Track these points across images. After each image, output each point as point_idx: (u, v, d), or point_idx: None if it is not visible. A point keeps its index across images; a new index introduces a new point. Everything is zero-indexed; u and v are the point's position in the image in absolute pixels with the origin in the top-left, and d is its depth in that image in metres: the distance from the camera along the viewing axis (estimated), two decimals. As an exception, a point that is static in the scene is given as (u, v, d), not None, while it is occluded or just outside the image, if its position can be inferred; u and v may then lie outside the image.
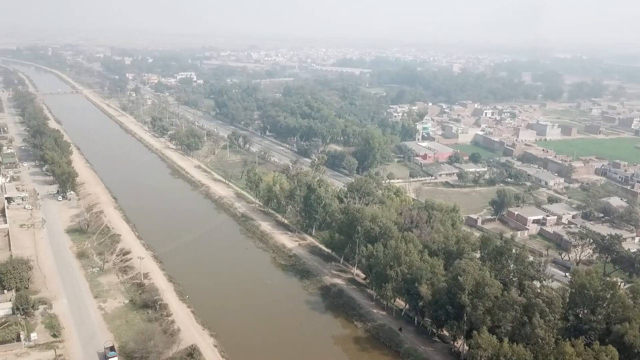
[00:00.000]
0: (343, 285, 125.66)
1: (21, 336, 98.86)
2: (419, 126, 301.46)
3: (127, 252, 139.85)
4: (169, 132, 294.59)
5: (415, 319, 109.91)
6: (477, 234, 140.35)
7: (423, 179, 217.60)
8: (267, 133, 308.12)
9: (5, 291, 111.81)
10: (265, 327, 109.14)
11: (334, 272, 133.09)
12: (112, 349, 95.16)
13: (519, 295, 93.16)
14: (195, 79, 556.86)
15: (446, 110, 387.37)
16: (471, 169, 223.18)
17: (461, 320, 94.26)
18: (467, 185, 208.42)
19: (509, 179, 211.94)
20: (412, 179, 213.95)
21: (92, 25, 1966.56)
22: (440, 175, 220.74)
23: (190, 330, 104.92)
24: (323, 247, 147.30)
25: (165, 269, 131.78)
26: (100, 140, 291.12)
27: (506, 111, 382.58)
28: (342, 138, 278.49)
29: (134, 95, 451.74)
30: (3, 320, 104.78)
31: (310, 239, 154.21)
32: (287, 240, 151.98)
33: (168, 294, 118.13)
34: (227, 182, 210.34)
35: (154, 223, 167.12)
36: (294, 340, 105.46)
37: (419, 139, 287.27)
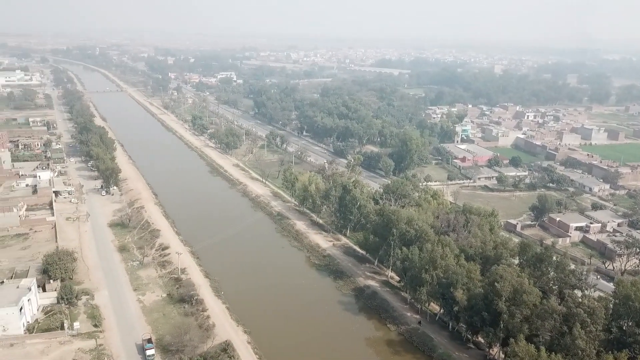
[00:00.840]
0: (377, 287, 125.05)
1: (65, 325, 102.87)
2: (458, 128, 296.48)
3: (166, 247, 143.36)
4: (208, 131, 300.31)
5: (450, 324, 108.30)
6: (516, 239, 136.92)
7: (461, 182, 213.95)
8: (304, 133, 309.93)
9: (51, 281, 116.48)
10: (298, 326, 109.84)
11: (368, 273, 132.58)
12: (149, 341, 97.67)
13: (559, 304, 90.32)
14: (235, 79, 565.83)
15: (486, 112, 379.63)
16: (511, 172, 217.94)
17: (497, 327, 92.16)
18: (506, 189, 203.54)
19: (551, 184, 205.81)
20: (450, 182, 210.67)
21: (138, 25, 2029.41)
22: (479, 178, 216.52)
23: (224, 326, 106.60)
24: (357, 248, 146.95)
25: (202, 265, 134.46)
26: (143, 138, 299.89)
27: (549, 114, 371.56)
28: (379, 139, 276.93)
29: (176, 94, 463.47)
30: (49, 308, 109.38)
31: (344, 240, 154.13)
32: (322, 240, 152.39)
33: (204, 290, 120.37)
34: (264, 180, 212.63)
35: (193, 219, 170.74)
36: (326, 340, 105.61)
37: (457, 142, 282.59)
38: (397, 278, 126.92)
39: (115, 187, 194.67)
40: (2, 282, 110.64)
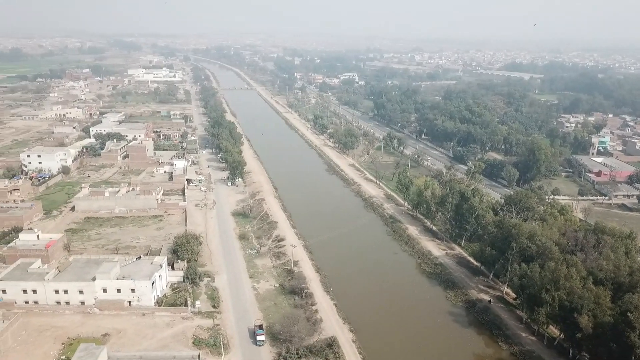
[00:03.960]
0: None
1: (188, 302, 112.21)
2: (595, 139, 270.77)
3: (282, 239, 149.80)
4: (328, 131, 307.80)
5: (571, 351, 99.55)
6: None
7: (594, 198, 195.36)
8: (423, 136, 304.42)
9: (179, 261, 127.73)
10: (404, 332, 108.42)
11: (482, 287, 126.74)
12: (260, 327, 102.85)
13: None
14: (357, 80, 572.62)
15: (630, 123, 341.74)
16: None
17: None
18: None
19: None
20: (580, 197, 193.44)
21: (270, 26, 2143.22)
22: (616, 196, 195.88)
23: (331, 322, 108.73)
24: (471, 260, 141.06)
25: (314, 260, 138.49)
26: (267, 134, 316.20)
27: None
28: (503, 146, 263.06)
29: (300, 93, 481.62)
30: (175, 286, 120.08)
31: (458, 249, 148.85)
32: (434, 248, 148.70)
33: (314, 284, 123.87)
34: (378, 182, 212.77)
35: (308, 214, 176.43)
36: (432, 350, 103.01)
37: (593, 154, 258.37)
38: (513, 295, 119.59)
39: (240, 179, 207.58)
40: (140, 257, 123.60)
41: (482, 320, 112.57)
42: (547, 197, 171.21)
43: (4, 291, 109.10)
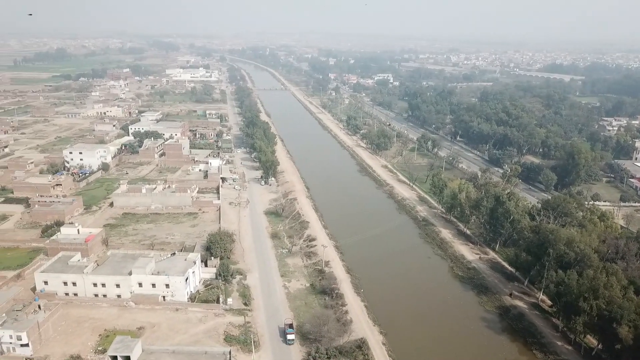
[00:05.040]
0: (524, 309, 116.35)
1: (220, 299, 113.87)
2: (639, 143, 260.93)
3: (313, 239, 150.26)
4: (361, 131, 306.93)
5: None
6: None
7: (637, 204, 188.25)
8: (458, 138, 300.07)
9: (212, 258, 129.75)
10: (435, 336, 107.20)
11: (516, 293, 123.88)
12: (291, 326, 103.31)
13: None
14: (391, 81, 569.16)
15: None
16: None
17: (670, 376, 79.76)
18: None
19: None
20: (623, 204, 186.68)
21: (305, 27, 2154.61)
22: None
23: (361, 323, 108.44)
24: (506, 265, 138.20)
25: (345, 260, 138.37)
26: (301, 134, 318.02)
27: None
28: (541, 150, 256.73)
29: (334, 94, 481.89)
30: (208, 282, 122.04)
31: (492, 254, 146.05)
32: (467, 252, 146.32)
33: (345, 285, 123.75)
34: (411, 184, 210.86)
35: (339, 215, 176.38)
36: (463, 356, 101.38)
37: (637, 158, 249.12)
38: (549, 302, 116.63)
39: (273, 179, 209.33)
40: (174, 253, 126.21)
41: (516, 327, 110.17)
42: (586, 202, 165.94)
43: (46, 282, 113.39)
